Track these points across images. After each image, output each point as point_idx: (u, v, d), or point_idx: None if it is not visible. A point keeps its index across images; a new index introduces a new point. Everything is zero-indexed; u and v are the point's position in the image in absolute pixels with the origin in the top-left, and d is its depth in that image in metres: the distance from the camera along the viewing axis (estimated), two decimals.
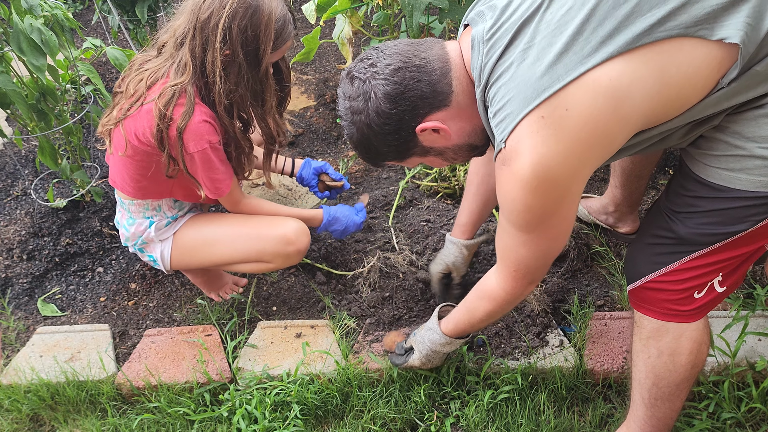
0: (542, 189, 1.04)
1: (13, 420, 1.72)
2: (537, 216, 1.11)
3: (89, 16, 3.85)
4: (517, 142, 1.03)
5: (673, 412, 1.36)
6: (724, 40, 0.95)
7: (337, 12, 2.18)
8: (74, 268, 2.15)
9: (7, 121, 2.79)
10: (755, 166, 1.04)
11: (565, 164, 1.02)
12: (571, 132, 0.99)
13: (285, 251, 1.71)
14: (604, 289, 1.94)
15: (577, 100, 0.97)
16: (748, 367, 1.64)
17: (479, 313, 1.41)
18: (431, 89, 1.13)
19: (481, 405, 1.62)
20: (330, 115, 2.78)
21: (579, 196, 1.12)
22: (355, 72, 1.17)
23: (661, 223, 1.22)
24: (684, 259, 1.19)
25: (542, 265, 1.24)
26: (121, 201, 1.78)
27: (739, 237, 1.12)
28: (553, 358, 1.70)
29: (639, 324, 1.32)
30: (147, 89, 1.53)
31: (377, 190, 2.35)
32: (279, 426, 1.61)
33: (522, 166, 1.03)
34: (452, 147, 1.23)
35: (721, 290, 1.21)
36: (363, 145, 1.22)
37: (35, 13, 1.82)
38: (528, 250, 1.19)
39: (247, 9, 1.45)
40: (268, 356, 1.78)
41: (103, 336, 1.90)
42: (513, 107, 1.02)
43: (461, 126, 1.19)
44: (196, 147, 1.52)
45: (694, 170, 1.13)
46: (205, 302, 1.97)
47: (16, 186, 2.47)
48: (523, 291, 1.29)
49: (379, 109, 1.14)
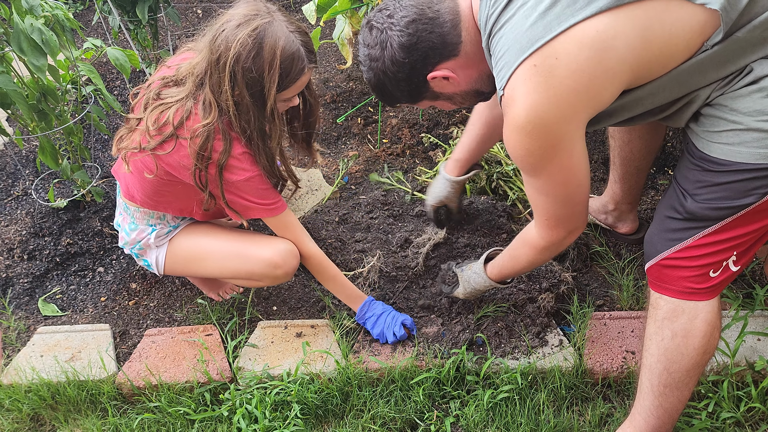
0: (536, 132, 1.14)
1: (13, 420, 1.72)
2: (538, 159, 1.19)
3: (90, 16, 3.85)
4: (513, 90, 1.13)
5: (679, 403, 1.36)
6: (705, 5, 1.03)
7: (337, 12, 2.19)
8: (75, 268, 2.15)
9: (8, 121, 2.80)
10: (753, 139, 1.10)
11: (555, 109, 1.11)
12: (560, 79, 1.08)
13: (273, 274, 1.71)
14: (603, 289, 1.94)
15: (566, 50, 1.07)
16: (747, 367, 1.64)
17: (522, 260, 1.51)
18: (442, 40, 1.24)
19: (481, 404, 1.62)
20: (330, 115, 2.79)
21: (578, 144, 1.19)
22: (374, 21, 1.28)
23: (674, 201, 1.26)
24: (698, 235, 1.23)
25: (570, 213, 1.31)
26: (125, 206, 1.78)
27: (747, 211, 1.16)
28: (553, 358, 1.71)
29: (655, 306, 1.34)
30: (178, 126, 1.49)
31: (377, 190, 2.35)
32: (279, 425, 1.61)
33: (517, 113, 1.13)
34: (460, 93, 1.35)
35: (735, 269, 1.26)
36: (379, 88, 1.34)
37: (36, 13, 1.82)
38: (546, 197, 1.28)
39: (250, 51, 1.39)
40: (268, 356, 1.79)
41: (103, 336, 1.90)
42: (509, 57, 1.12)
43: (469, 74, 1.31)
44: (241, 175, 1.52)
45: (698, 146, 1.19)
46: (206, 302, 1.97)
47: (16, 186, 2.48)
48: (562, 240, 1.37)
49: (394, 57, 1.26)
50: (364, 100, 2.83)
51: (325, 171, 2.50)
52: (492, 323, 1.78)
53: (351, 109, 2.77)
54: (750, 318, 1.73)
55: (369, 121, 2.73)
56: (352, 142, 2.64)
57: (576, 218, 1.33)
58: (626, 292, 1.88)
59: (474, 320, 1.80)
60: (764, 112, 1.08)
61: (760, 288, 1.79)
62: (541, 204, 1.31)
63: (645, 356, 1.37)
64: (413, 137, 2.58)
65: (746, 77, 1.10)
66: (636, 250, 2.03)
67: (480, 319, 1.80)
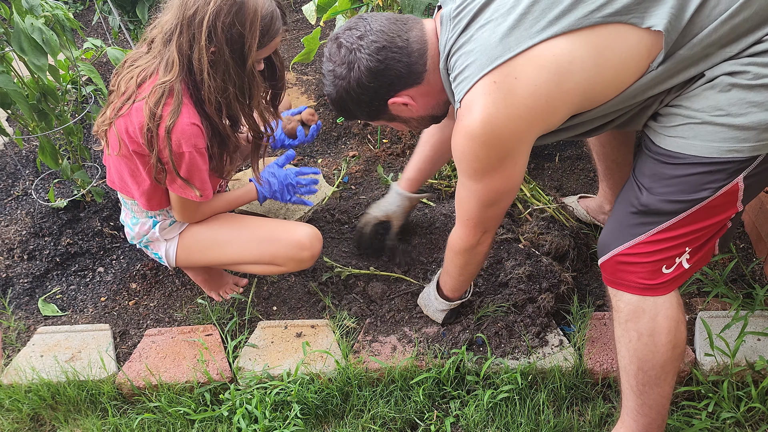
0: (489, 143, 1.19)
1: (13, 420, 1.72)
2: (483, 165, 1.24)
3: (90, 16, 3.86)
4: (470, 102, 1.17)
5: (662, 398, 1.37)
6: (651, 28, 1.09)
7: (337, 12, 2.18)
8: (75, 268, 2.15)
9: (8, 121, 2.80)
10: (707, 132, 1.13)
11: (511, 126, 1.16)
12: (519, 98, 1.13)
13: (299, 256, 1.72)
14: (603, 289, 1.94)
15: (525, 71, 1.12)
16: (747, 367, 1.64)
17: (452, 267, 1.60)
18: (408, 69, 1.28)
19: (481, 404, 1.62)
20: (330, 115, 2.79)
21: (524, 158, 1.25)
22: (344, 39, 1.29)
23: (630, 195, 1.29)
24: (652, 230, 1.25)
25: (492, 216, 1.39)
26: (123, 200, 1.78)
27: (701, 206, 1.19)
28: (553, 358, 1.71)
29: (616, 308, 1.36)
30: (137, 87, 1.51)
31: (377, 190, 2.35)
32: (279, 425, 1.61)
33: (473, 120, 1.17)
34: (416, 118, 1.40)
35: (687, 267, 1.28)
36: (339, 104, 1.37)
37: (36, 13, 1.82)
38: (477, 200, 1.34)
39: (231, 6, 1.40)
40: (268, 356, 1.79)
41: (103, 336, 1.90)
42: (470, 71, 1.17)
43: (427, 101, 1.35)
44: (184, 148, 1.50)
45: (654, 140, 1.22)
46: (206, 302, 1.97)
47: (16, 186, 2.48)
48: (479, 240, 1.45)
49: (360, 80, 1.28)
50: None
51: (325, 171, 2.50)
52: (492, 323, 1.78)
53: None
54: (750, 318, 1.73)
55: None
56: (352, 142, 2.65)
57: (494, 220, 1.41)
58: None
59: (474, 320, 1.80)
60: (717, 107, 1.11)
61: (760, 288, 1.79)
62: (468, 206, 1.37)
63: (619, 359, 1.39)
64: (413, 137, 2.58)
65: (699, 80, 1.14)
66: None
67: (480, 319, 1.80)
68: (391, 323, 1.85)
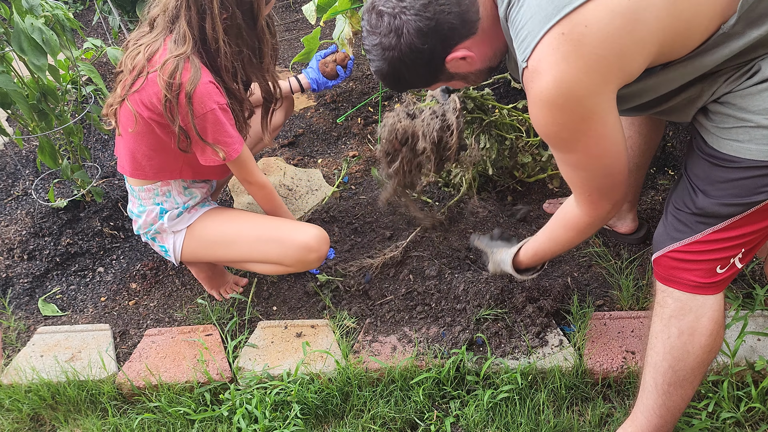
0: (568, 105, 1.07)
1: (13, 420, 1.72)
2: (571, 133, 1.12)
3: (90, 16, 3.86)
4: (538, 61, 1.05)
5: (683, 401, 1.37)
6: None
7: (337, 12, 2.19)
8: (75, 268, 2.15)
9: (8, 121, 2.80)
10: (762, 136, 1.09)
11: (585, 80, 1.04)
12: (591, 48, 1.01)
13: (307, 258, 1.74)
14: (603, 289, 1.94)
15: (596, 17, 1.00)
16: (747, 367, 1.64)
17: (563, 240, 1.47)
18: (461, 19, 1.15)
19: (481, 404, 1.62)
20: (330, 115, 2.79)
21: (611, 114, 1.12)
22: (383, 7, 1.17)
23: (684, 195, 1.26)
24: (707, 230, 1.23)
25: (611, 184, 1.24)
26: (131, 189, 1.79)
27: (757, 209, 1.16)
28: (553, 358, 1.71)
29: (661, 304, 1.34)
30: (147, 61, 1.53)
31: (377, 190, 2.35)
32: (279, 425, 1.61)
33: (545, 86, 1.05)
34: (475, 72, 1.28)
35: (740, 266, 1.26)
36: (393, 77, 1.26)
37: (36, 13, 1.82)
38: (585, 172, 1.22)
39: None
40: (268, 356, 1.79)
41: (103, 336, 1.90)
42: (533, 25, 1.05)
43: (485, 51, 1.23)
44: (206, 107, 1.52)
45: (708, 141, 1.18)
46: (206, 302, 1.97)
47: (16, 186, 2.48)
48: (608, 213, 1.31)
49: (412, 44, 1.17)
50: (364, 100, 2.83)
51: (325, 171, 2.50)
52: (492, 323, 1.78)
53: (351, 110, 2.77)
54: (750, 318, 1.73)
55: (369, 121, 2.74)
56: (352, 142, 2.64)
57: (618, 188, 1.26)
58: (626, 292, 1.88)
59: (474, 320, 1.80)
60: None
61: (760, 288, 1.79)
62: (580, 180, 1.25)
63: (650, 354, 1.37)
64: None
65: (754, 77, 1.09)
66: (636, 250, 2.03)
67: (480, 319, 1.80)
68: (391, 323, 1.85)
